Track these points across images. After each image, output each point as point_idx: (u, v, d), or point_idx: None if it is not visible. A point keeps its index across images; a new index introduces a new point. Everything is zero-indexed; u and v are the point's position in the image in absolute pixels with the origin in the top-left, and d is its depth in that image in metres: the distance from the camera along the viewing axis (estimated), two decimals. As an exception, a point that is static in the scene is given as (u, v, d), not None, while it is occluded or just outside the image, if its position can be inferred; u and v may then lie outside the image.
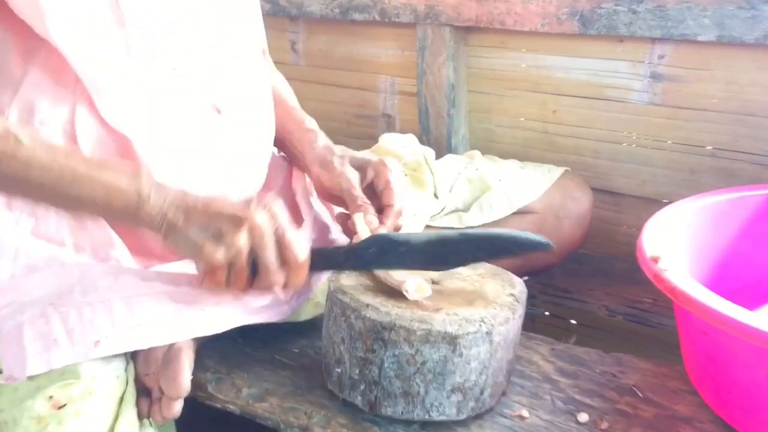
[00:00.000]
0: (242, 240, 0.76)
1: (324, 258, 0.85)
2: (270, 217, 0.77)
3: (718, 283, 0.88)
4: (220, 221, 0.76)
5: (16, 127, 0.78)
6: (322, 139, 1.01)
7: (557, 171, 1.19)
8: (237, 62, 0.97)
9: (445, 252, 0.81)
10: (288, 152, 1.05)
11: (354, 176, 0.94)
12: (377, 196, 0.94)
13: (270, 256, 0.77)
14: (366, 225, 0.88)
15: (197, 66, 0.93)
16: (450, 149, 1.40)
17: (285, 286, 0.81)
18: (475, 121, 1.44)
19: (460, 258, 0.83)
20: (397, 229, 0.94)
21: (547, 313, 1.28)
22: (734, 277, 0.98)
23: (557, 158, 1.30)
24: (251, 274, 0.79)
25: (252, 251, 0.77)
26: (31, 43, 0.86)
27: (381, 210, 0.92)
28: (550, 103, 1.34)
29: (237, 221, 0.76)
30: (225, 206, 0.77)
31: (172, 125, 0.91)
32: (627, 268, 1.27)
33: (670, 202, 1.01)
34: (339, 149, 0.97)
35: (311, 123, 1.05)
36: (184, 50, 0.91)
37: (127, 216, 0.79)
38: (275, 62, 1.17)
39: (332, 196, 0.97)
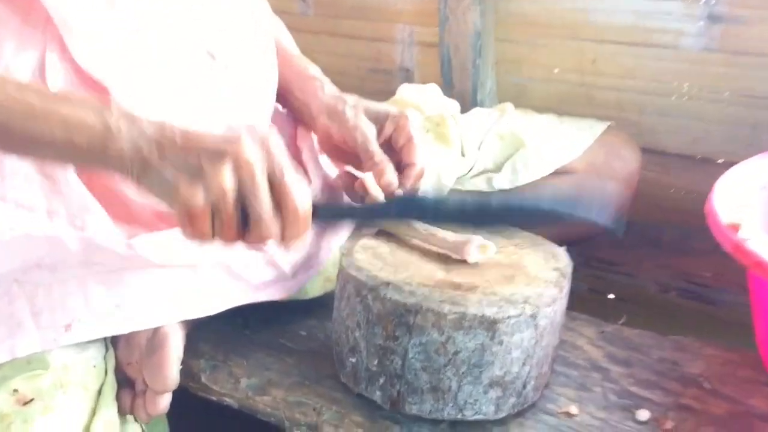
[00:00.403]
0: (226, 178, 0.61)
1: (331, 209, 0.73)
2: (263, 153, 0.63)
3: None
4: (201, 156, 0.62)
5: None
6: (330, 87, 0.91)
7: (600, 126, 1.08)
8: (233, 12, 0.90)
9: (480, 219, 0.70)
10: (290, 105, 0.96)
11: (370, 129, 0.84)
12: (396, 153, 0.84)
13: (262, 200, 0.62)
14: (380, 187, 0.79)
15: (189, 11, 0.85)
16: (475, 105, 1.30)
17: (282, 239, 0.65)
18: (503, 74, 1.33)
19: (495, 224, 0.73)
20: (416, 191, 0.84)
21: (587, 288, 1.17)
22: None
23: (597, 114, 1.18)
24: (242, 223, 0.64)
25: (240, 194, 0.63)
26: None
27: (400, 169, 0.83)
28: (589, 52, 1.22)
29: (219, 155, 0.62)
30: (207, 138, 0.63)
31: (157, 72, 0.82)
32: (678, 236, 1.17)
33: (726, 163, 0.91)
34: (351, 99, 0.87)
35: (315, 70, 0.95)
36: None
37: (92, 156, 0.66)
38: (281, 12, 1.08)
39: (343, 152, 0.87)
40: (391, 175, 0.80)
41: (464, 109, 1.19)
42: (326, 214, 0.70)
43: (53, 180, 0.78)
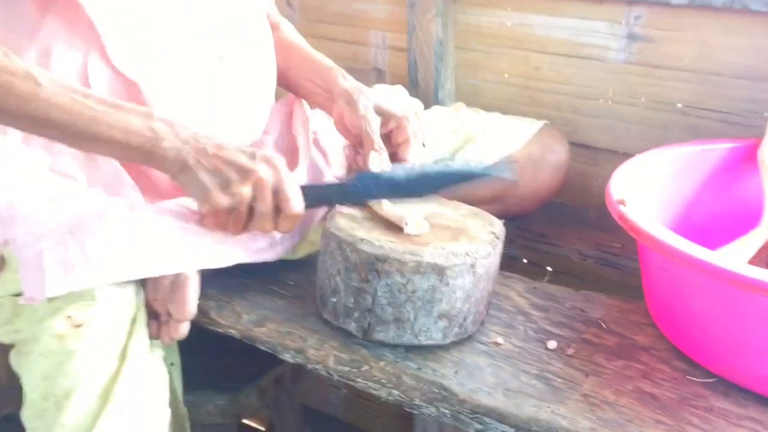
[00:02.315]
0: (247, 191, 0.83)
1: (314, 194, 0.92)
2: (273, 170, 0.84)
3: (679, 228, 0.94)
4: (229, 170, 0.83)
5: (35, 69, 0.81)
6: (350, 78, 1.06)
7: (537, 124, 1.23)
8: (239, 19, 1.02)
9: (422, 184, 0.91)
10: (307, 91, 1.09)
11: (375, 121, 0.98)
12: (392, 147, 1.00)
13: (268, 206, 0.84)
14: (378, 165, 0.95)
15: (201, 18, 0.97)
16: (437, 102, 1.42)
17: (277, 229, 0.88)
18: (461, 77, 1.45)
19: (435, 188, 0.92)
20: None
21: (525, 261, 1.33)
22: (695, 224, 1.04)
23: (538, 113, 1.32)
24: (248, 218, 0.86)
25: (252, 200, 0.84)
26: None
27: (393, 161, 0.98)
28: (533, 61, 1.36)
29: (245, 173, 0.83)
30: (234, 155, 0.83)
31: (177, 73, 0.95)
32: (599, 215, 1.30)
33: (642, 157, 1.03)
34: (369, 92, 1.01)
35: (332, 63, 1.09)
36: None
37: (141, 154, 0.83)
38: (272, 16, 1.18)
39: (349, 132, 1.01)
40: (386, 161, 0.96)
41: (428, 105, 1.32)
42: (311, 197, 0.90)
43: (92, 158, 0.91)
